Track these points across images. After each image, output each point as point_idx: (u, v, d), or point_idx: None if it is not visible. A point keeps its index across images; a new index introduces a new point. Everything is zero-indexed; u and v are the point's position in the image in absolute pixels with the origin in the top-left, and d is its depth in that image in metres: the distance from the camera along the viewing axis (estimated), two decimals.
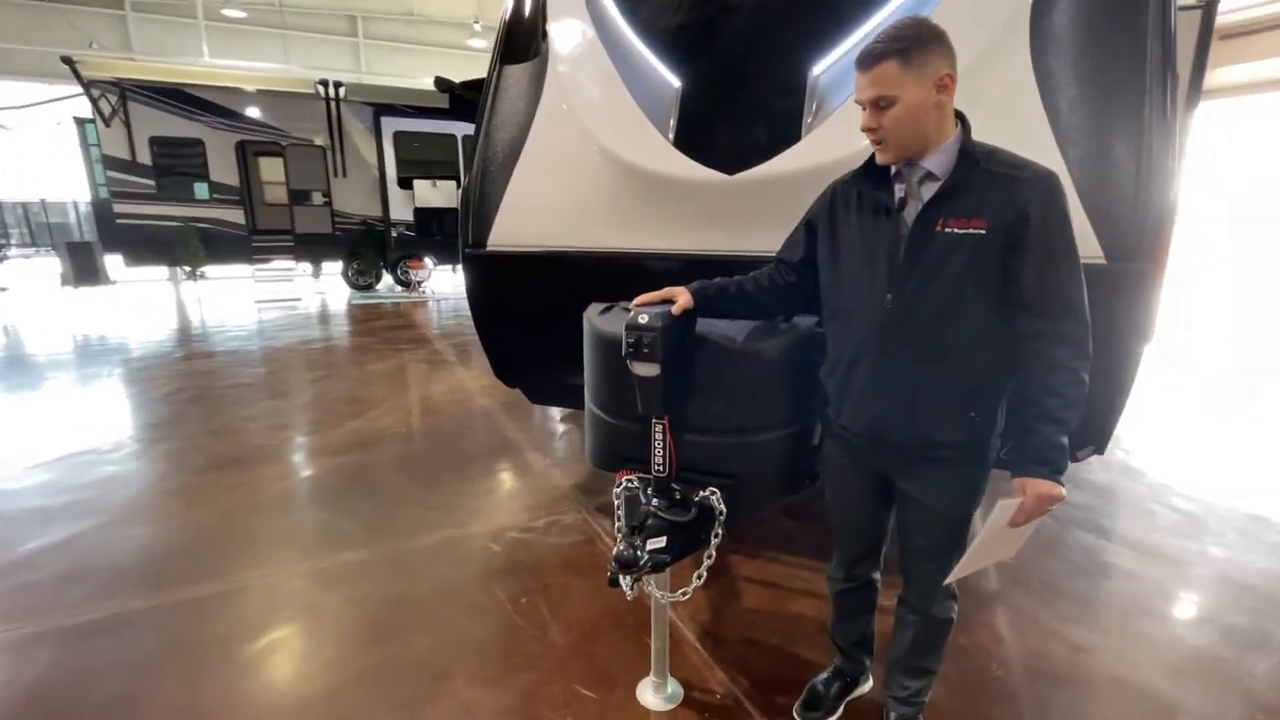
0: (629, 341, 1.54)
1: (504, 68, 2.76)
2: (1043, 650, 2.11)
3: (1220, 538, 2.85)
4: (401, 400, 5.06)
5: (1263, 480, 3.47)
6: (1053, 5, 1.92)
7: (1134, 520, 3.03)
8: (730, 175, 2.14)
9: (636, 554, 1.57)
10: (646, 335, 1.51)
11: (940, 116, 1.30)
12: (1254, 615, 2.29)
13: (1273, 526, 2.94)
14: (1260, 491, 3.31)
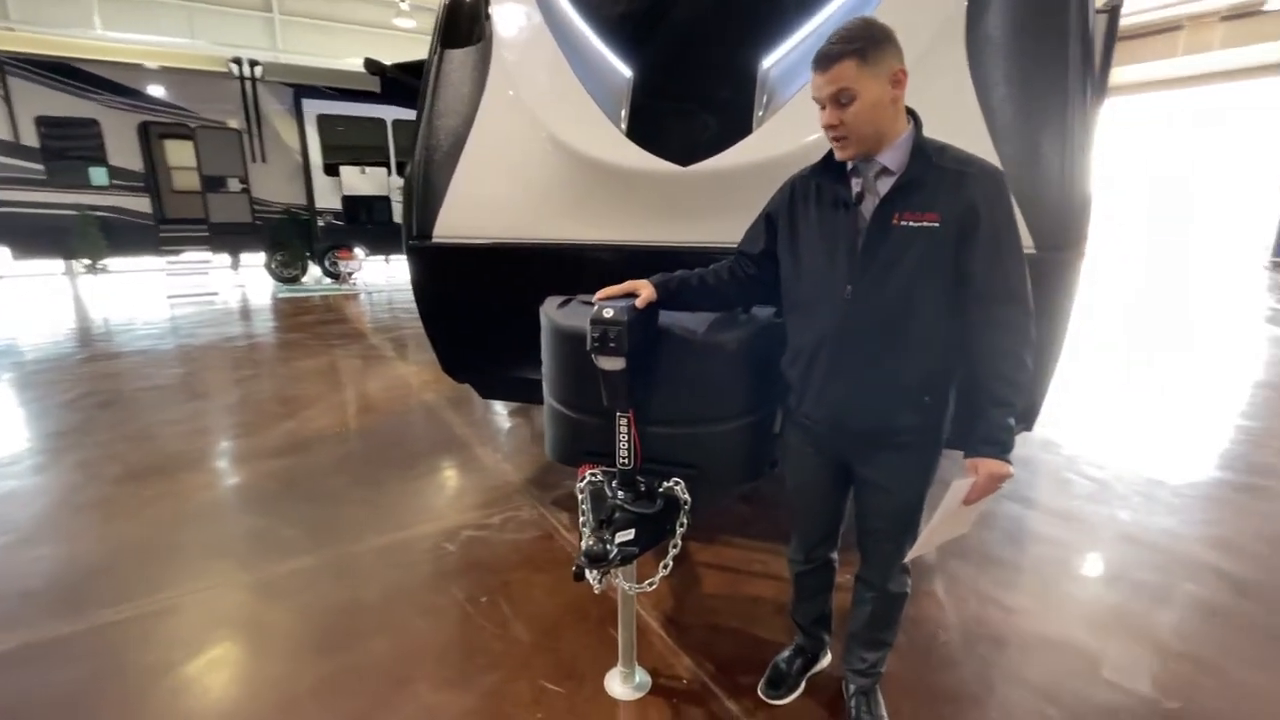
0: (594, 336, 1.53)
1: (445, 52, 2.66)
2: (982, 615, 2.26)
3: (1126, 501, 3.12)
4: (337, 399, 4.84)
5: (1160, 448, 3.83)
6: (985, 8, 2.02)
7: (1053, 490, 3.28)
8: (684, 167, 2.15)
9: (606, 548, 1.57)
10: (612, 329, 1.51)
11: (895, 111, 1.36)
12: (1159, 571, 2.53)
13: (1171, 489, 3.25)
14: (1158, 459, 3.64)
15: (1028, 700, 1.87)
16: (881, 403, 1.46)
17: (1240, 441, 3.95)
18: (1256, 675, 1.97)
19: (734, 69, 2.18)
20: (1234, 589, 2.42)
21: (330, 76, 11.22)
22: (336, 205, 11.29)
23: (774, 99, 2.12)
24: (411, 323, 7.88)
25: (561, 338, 1.84)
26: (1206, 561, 2.61)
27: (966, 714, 1.83)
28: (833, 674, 1.93)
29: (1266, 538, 2.81)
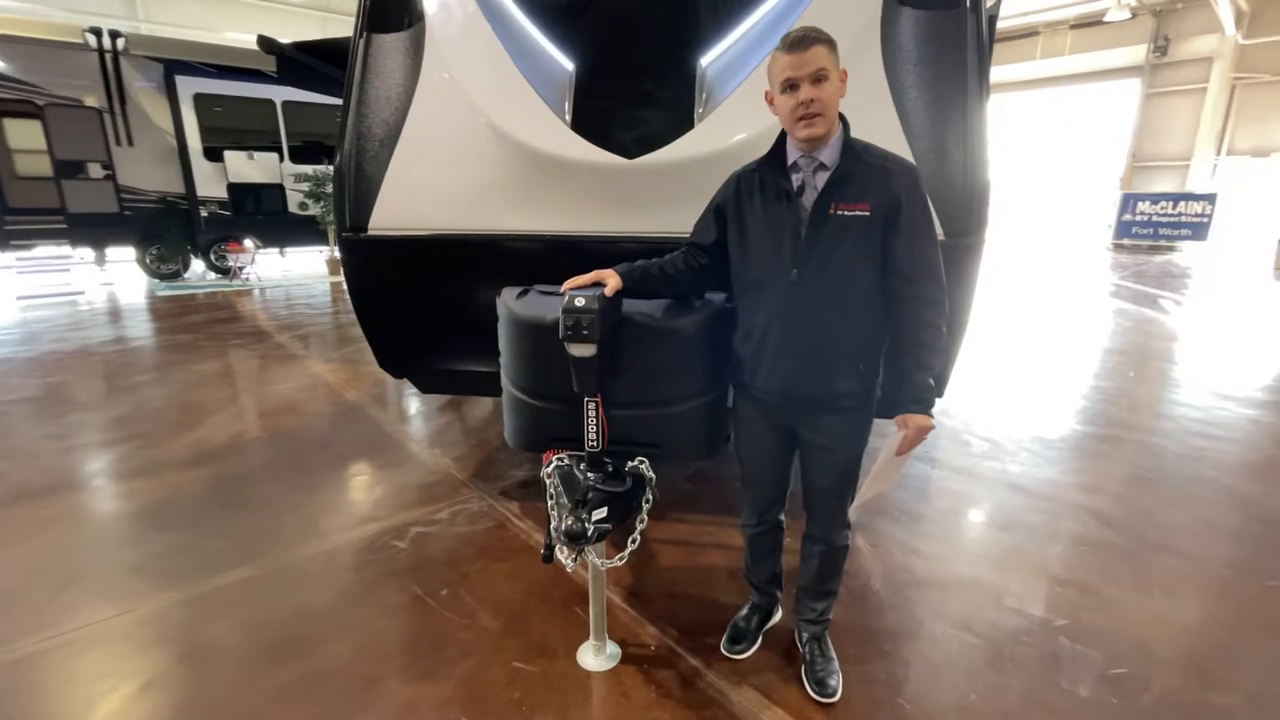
0: (567, 324, 1.59)
1: (372, 36, 2.57)
2: (906, 564, 2.53)
3: (1015, 457, 3.57)
4: (248, 402, 4.54)
5: (1037, 410, 4.37)
6: (896, 19, 2.23)
7: (955, 450, 3.68)
8: (630, 160, 2.23)
9: (584, 526, 1.65)
10: (585, 317, 1.58)
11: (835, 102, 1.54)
12: (1045, 515, 2.93)
13: (1051, 444, 3.74)
14: (1037, 419, 4.16)
15: (950, 631, 2.14)
16: (825, 371, 1.64)
17: (1098, 400, 4.58)
18: (1120, 590, 2.36)
19: (674, 67, 2.28)
20: (1101, 523, 2.85)
21: (207, 52, 10.24)
22: (222, 194, 10.38)
23: (713, 96, 2.24)
24: (319, 319, 7.45)
25: (524, 328, 1.88)
26: (1080, 502, 3.05)
27: (901, 648, 2.07)
28: (785, 626, 2.11)
29: (1122, 478, 3.32)
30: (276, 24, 14.32)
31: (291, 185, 10.96)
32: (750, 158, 1.75)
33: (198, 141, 10.06)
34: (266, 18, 14.38)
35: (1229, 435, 3.89)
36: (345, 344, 6.23)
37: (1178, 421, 4.11)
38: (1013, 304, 8.44)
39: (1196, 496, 3.12)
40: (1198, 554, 2.62)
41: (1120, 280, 10.61)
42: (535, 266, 2.45)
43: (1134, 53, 16.26)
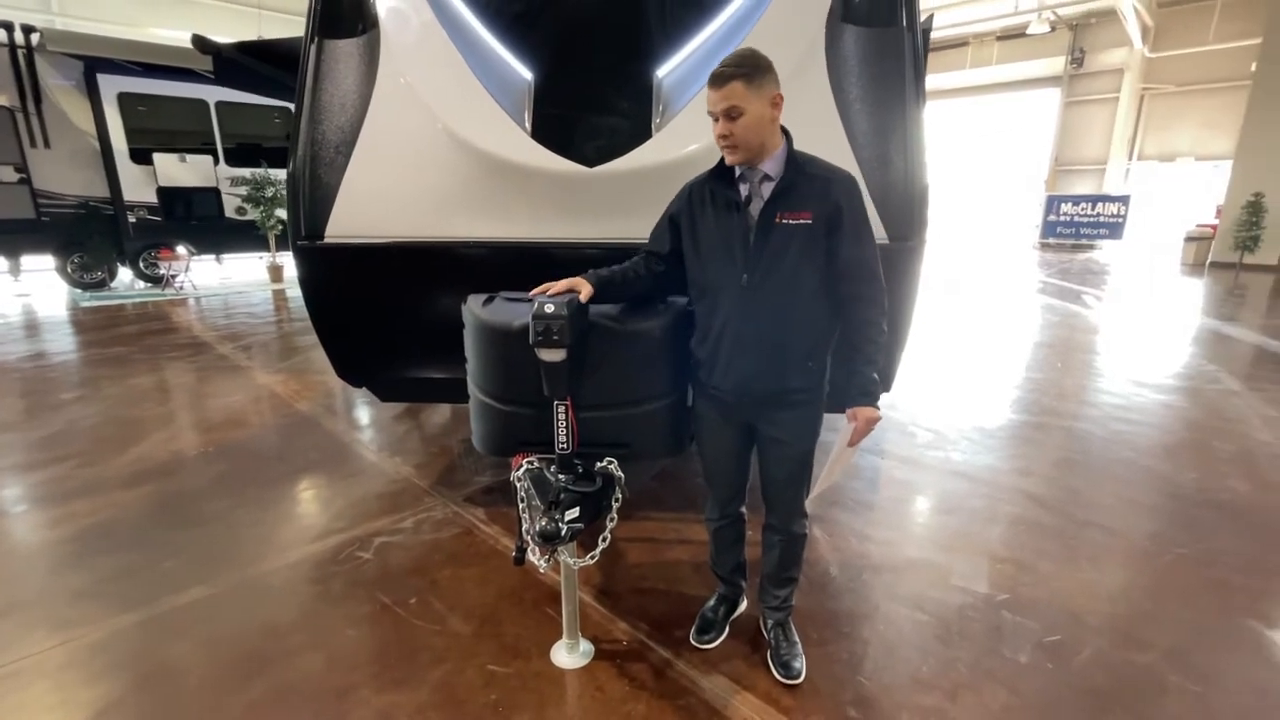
0: (538, 330, 1.64)
1: (325, 42, 2.54)
2: (861, 550, 2.67)
3: (956, 446, 3.79)
4: (194, 416, 4.36)
5: (975, 401, 4.64)
6: (840, 34, 2.36)
7: (901, 441, 3.87)
8: (590, 168, 2.28)
9: (558, 527, 1.69)
10: (555, 323, 1.62)
11: (773, 129, 1.65)
12: (986, 499, 3.14)
13: (989, 433, 3.99)
14: (975, 409, 4.42)
15: (903, 610, 2.28)
16: (777, 369, 1.74)
17: (1030, 390, 4.89)
18: (1053, 565, 2.56)
19: (631, 78, 2.34)
20: (1035, 504, 3.07)
21: (132, 49, 9.72)
22: (151, 198, 9.87)
23: (669, 107, 2.32)
24: (263, 328, 7.19)
25: (492, 334, 1.91)
26: (1016, 486, 3.27)
27: (859, 629, 2.19)
28: (751, 614, 2.21)
29: (1053, 462, 3.57)
30: (206, 20, 13.71)
31: (228, 189, 10.52)
32: (705, 166, 1.83)
33: (123, 143, 9.54)
34: (195, 13, 13.75)
35: (1145, 420, 4.23)
36: (292, 353, 6.05)
37: (1101, 408, 4.44)
38: (951, 302, 8.87)
39: (1118, 476, 3.39)
40: (1120, 529, 2.86)
41: (1047, 277, 11.29)
42: (497, 272, 2.46)
43: (1054, 63, 17.34)
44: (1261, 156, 11.99)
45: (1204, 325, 7.41)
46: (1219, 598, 2.36)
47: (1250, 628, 2.20)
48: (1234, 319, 7.75)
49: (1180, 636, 2.15)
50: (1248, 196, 12.01)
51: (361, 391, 4.09)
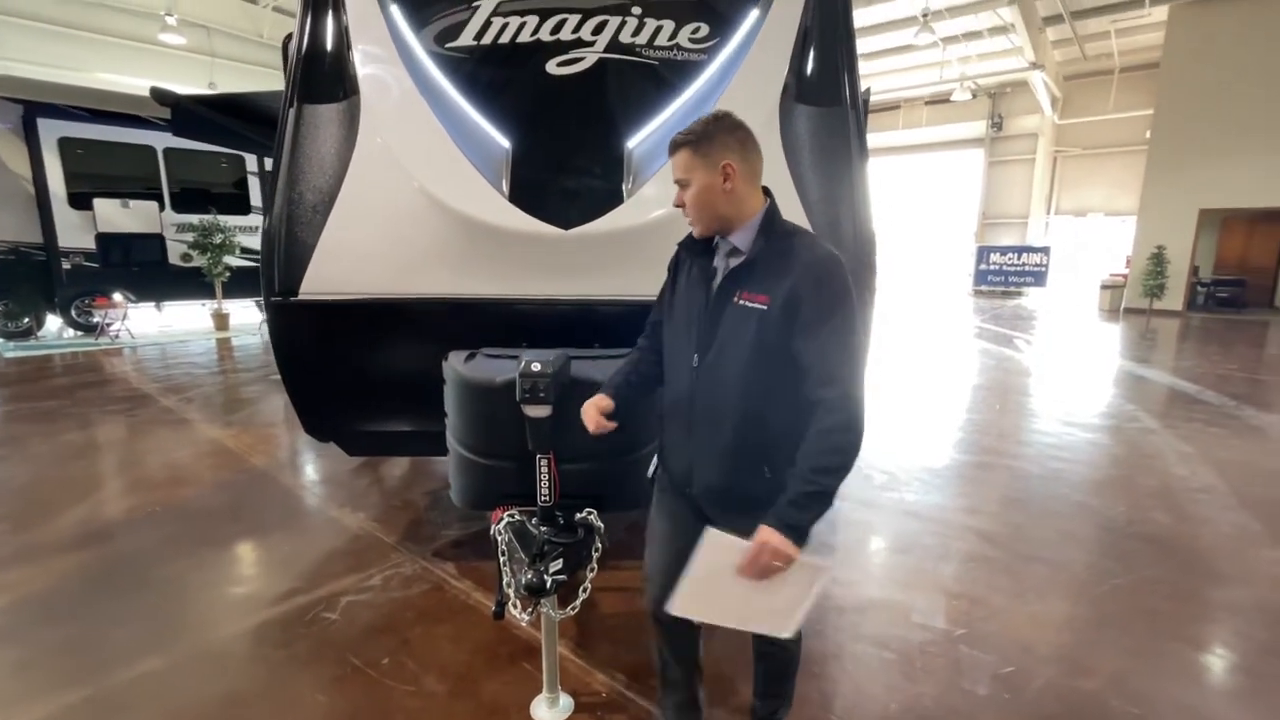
0: (524, 387, 1.71)
1: (305, 107, 2.63)
2: (825, 592, 2.77)
3: (909, 486, 3.98)
4: (138, 474, 4.16)
5: (924, 443, 4.89)
6: (792, 111, 2.60)
7: (859, 484, 4.04)
8: (565, 230, 2.41)
9: (544, 579, 1.73)
10: (541, 381, 1.71)
11: (732, 199, 1.44)
12: (938, 537, 3.31)
13: (938, 473, 4.21)
14: (927, 450, 4.66)
15: (869, 649, 2.38)
16: (726, 468, 1.49)
17: (973, 431, 5.19)
18: (1004, 598, 2.72)
19: (604, 148, 2.51)
20: (984, 540, 3.26)
21: (74, 95, 9.51)
22: (89, 244, 9.51)
23: (639, 175, 2.48)
24: (208, 378, 6.94)
25: (475, 390, 1.98)
26: (965, 523, 3.46)
27: (829, 669, 2.27)
28: (730, 636, 2.25)
29: (998, 499, 3.79)
30: (157, 66, 13.54)
31: (173, 235, 10.24)
32: (673, 232, 1.92)
33: (62, 188, 9.22)
34: (146, 59, 13.56)
35: (1076, 457, 4.54)
36: (241, 405, 5.86)
37: (1036, 447, 4.75)
38: (896, 347, 9.34)
39: (1056, 512, 3.63)
40: (1060, 561, 3.06)
41: (981, 323, 12.03)
42: (473, 329, 2.55)
43: (976, 127, 18.88)
44: (1160, 214, 13.26)
45: (1122, 367, 8.03)
46: (1150, 624, 2.56)
47: (1179, 651, 2.39)
48: (1147, 361, 8.43)
49: (1120, 662, 2.31)
50: (1152, 249, 13.21)
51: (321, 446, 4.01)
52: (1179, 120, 12.86)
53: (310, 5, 2.73)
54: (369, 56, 2.63)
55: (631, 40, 2.57)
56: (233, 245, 10.34)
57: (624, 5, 2.58)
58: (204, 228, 10.11)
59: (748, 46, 2.63)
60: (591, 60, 2.55)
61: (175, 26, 12.47)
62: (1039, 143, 17.73)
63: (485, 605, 2.62)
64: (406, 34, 2.63)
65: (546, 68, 2.55)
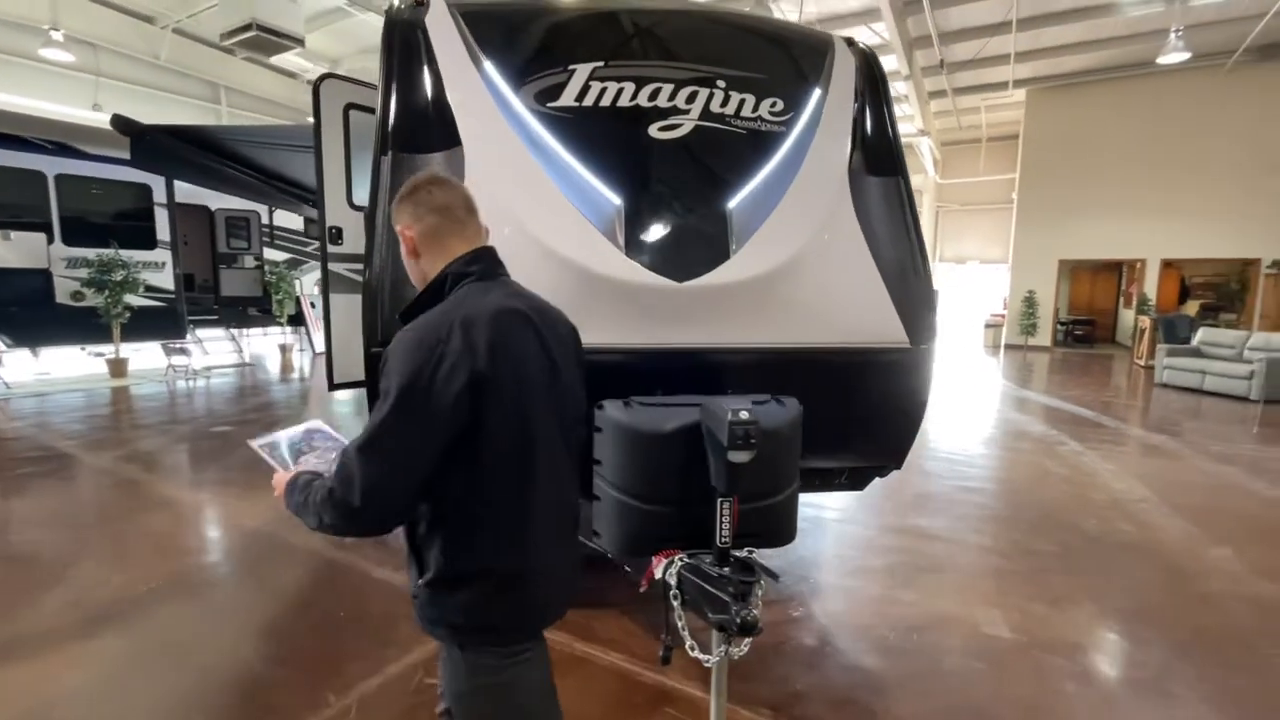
0: (736, 434, 1.82)
1: (401, 155, 2.62)
2: (897, 612, 3.00)
3: (917, 509, 4.37)
4: (114, 548, 3.67)
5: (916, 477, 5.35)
6: (861, 181, 2.93)
7: (886, 506, 4.38)
8: (680, 283, 2.55)
9: (756, 617, 1.81)
10: (751, 428, 1.82)
11: (418, 266, 1.34)
12: (952, 550, 3.67)
13: (929, 497, 4.64)
14: (919, 480, 5.12)
15: (966, 661, 2.62)
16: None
17: (945, 462, 5.75)
18: (1043, 607, 3.08)
19: (708, 207, 2.69)
20: (999, 556, 3.65)
21: None
22: None
23: (742, 232, 2.68)
24: (134, 432, 6.18)
25: (642, 438, 2.06)
26: (979, 544, 3.86)
27: (935, 686, 2.48)
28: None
29: (976, 518, 4.25)
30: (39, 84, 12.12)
31: (63, 271, 9.08)
32: (775, 284, 2.43)
33: None
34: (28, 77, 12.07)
35: (1031, 475, 5.18)
36: (200, 460, 5.30)
37: (991, 468, 5.36)
38: None
39: (1038, 526, 4.13)
40: (1073, 570, 3.50)
41: None
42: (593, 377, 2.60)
43: None
44: (1029, 263, 15.37)
45: (1028, 397, 9.17)
46: (1162, 616, 3.01)
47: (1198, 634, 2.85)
48: (1046, 390, 9.69)
49: (1163, 651, 2.72)
50: (1024, 293, 15.23)
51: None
52: (1038, 184, 15.10)
53: (399, 55, 2.76)
54: (467, 110, 2.68)
55: (721, 110, 2.81)
56: (136, 283, 9.33)
57: (710, 78, 2.83)
58: (103, 263, 9.07)
59: (817, 121, 2.95)
60: (689, 127, 2.76)
61: (61, 42, 11.26)
62: (924, 199, 20.01)
63: (593, 656, 2.60)
64: (504, 91, 2.71)
65: (649, 131, 2.72)
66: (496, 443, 1.18)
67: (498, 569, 1.21)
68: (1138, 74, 13.34)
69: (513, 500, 1.22)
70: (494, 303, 1.25)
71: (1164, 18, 10.76)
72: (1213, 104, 13.04)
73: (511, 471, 1.21)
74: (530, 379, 1.24)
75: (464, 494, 1.18)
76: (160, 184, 9.87)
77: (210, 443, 5.89)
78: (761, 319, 2.70)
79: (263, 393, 8.85)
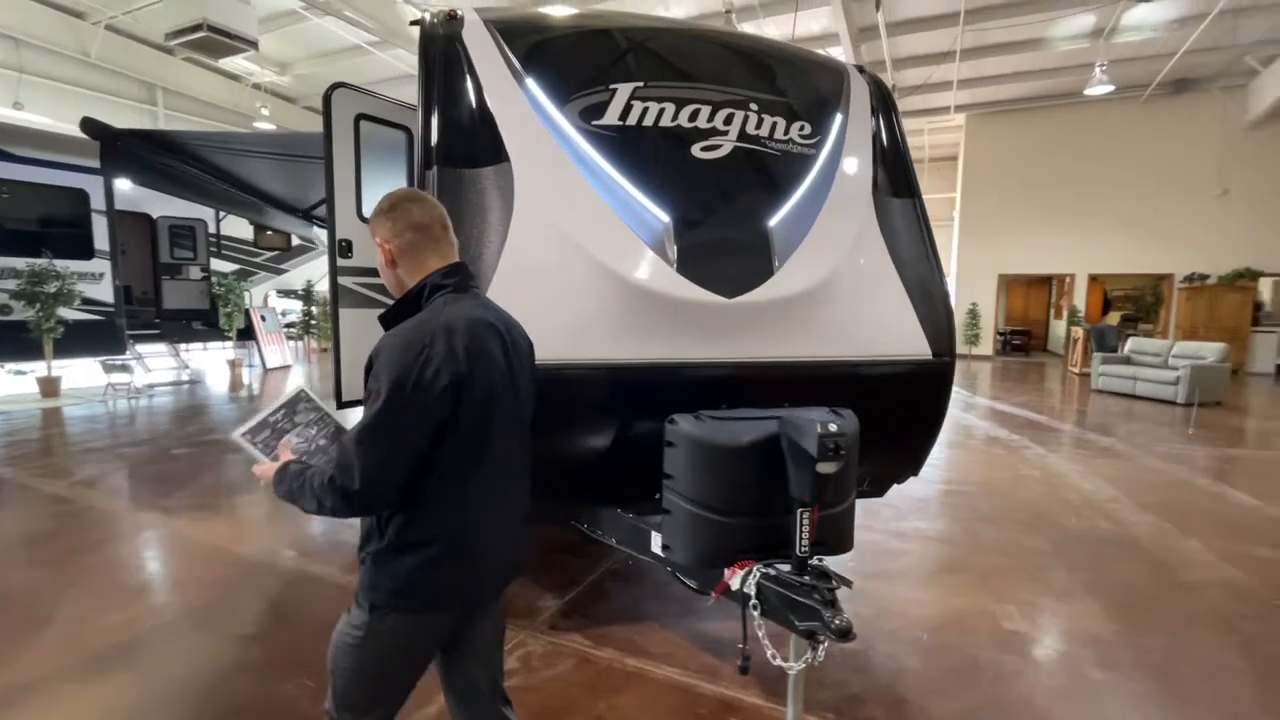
0: (827, 445, 1.89)
1: (447, 170, 2.59)
2: (920, 614, 3.14)
3: (901, 513, 4.55)
4: (101, 583, 3.40)
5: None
6: (885, 203, 3.08)
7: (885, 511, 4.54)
8: (729, 299, 2.62)
9: (849, 622, 1.87)
10: (841, 440, 1.89)
11: (394, 275, 1.46)
12: (909, 556, 3.86)
13: (924, 501, 4.85)
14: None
15: (1009, 659, 2.76)
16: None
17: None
18: (1053, 600, 3.28)
19: (752, 225, 2.77)
20: (1002, 555, 3.87)
21: None
22: None
23: (783, 250, 2.77)
24: (82, 455, 5.74)
25: (719, 452, 2.11)
26: (980, 542, 4.07)
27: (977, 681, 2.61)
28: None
29: (968, 519, 4.49)
30: None
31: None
32: (814, 301, 2.59)
33: None
34: None
35: (1006, 476, 5.49)
36: (166, 483, 4.97)
37: (972, 469, 5.65)
38: None
39: (1029, 524, 4.39)
40: (1070, 565, 3.74)
41: None
42: (644, 392, 2.63)
43: None
44: (970, 278, 16.29)
45: (985, 404, 9.70)
46: (1154, 601, 3.26)
47: (1190, 618, 3.10)
48: (999, 398, 10.27)
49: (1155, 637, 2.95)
50: (967, 306, 16.11)
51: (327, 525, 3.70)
52: (977, 203, 16.07)
53: (441, 68, 2.74)
54: (513, 125, 2.68)
55: (756, 132, 2.91)
56: (71, 295, 8.68)
57: (743, 100, 2.93)
58: (33, 273, 8.40)
59: (841, 144, 3.10)
60: (729, 148, 2.84)
61: None
62: None
63: (646, 670, 2.60)
64: (549, 108, 2.73)
65: (692, 151, 2.79)
66: (461, 434, 1.33)
67: (439, 540, 1.35)
68: (1067, 103, 14.45)
69: (463, 483, 1.37)
70: (468, 313, 1.39)
71: (1090, 53, 11.73)
72: (1132, 132, 14.26)
73: (467, 458, 1.36)
74: (495, 382, 1.39)
75: (426, 475, 1.32)
76: (98, 189, 9.24)
77: (177, 464, 5.53)
78: (801, 333, 2.79)
79: (212, 412, 8.37)
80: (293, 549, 3.77)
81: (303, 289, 13.97)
